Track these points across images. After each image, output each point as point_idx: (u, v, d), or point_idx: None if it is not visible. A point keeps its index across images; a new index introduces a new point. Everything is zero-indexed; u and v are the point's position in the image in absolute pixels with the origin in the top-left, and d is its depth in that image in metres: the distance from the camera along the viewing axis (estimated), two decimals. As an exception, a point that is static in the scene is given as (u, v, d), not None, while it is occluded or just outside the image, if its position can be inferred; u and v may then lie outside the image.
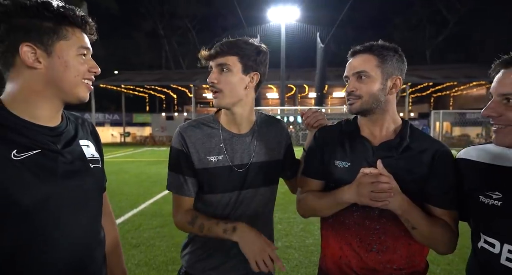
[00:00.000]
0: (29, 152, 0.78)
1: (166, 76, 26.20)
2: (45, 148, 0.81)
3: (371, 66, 1.04)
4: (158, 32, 35.42)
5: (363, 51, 1.07)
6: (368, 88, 1.05)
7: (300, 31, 23.03)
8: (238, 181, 1.14)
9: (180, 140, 1.13)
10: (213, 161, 1.12)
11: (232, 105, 1.12)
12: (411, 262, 1.07)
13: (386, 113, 1.09)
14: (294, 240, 3.81)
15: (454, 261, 3.18)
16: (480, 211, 0.93)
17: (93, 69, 0.87)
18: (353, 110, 1.08)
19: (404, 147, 1.05)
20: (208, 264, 1.18)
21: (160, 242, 3.75)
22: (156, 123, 26.01)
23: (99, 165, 0.96)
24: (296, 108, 21.93)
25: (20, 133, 0.78)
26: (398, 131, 1.09)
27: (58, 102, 0.86)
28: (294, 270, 3.05)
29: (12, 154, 0.75)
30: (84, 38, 0.85)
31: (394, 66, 1.06)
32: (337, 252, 1.12)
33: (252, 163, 1.16)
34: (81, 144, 0.92)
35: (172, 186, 1.15)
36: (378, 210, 1.02)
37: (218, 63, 1.09)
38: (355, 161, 1.08)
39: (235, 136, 1.17)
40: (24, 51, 0.77)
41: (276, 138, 1.24)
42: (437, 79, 22.81)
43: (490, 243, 0.90)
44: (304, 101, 29.35)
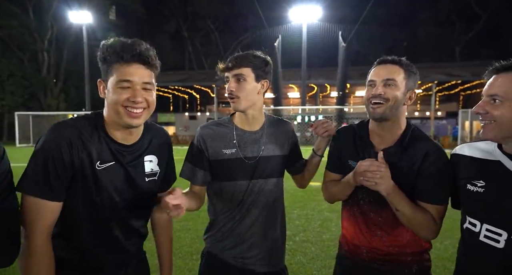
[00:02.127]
0: (106, 163, 1.06)
1: (189, 77, 26.87)
2: (116, 160, 1.08)
3: (400, 77, 1.20)
4: (181, 33, 36.27)
5: (393, 63, 1.23)
6: (395, 94, 1.19)
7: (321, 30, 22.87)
8: (249, 171, 1.34)
9: (199, 137, 1.37)
10: (227, 154, 1.34)
11: (247, 108, 1.33)
12: (413, 243, 1.25)
13: (396, 121, 1.24)
14: (311, 235, 3.95)
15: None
16: (467, 197, 1.09)
17: (132, 98, 1.02)
18: (377, 114, 1.21)
19: (400, 152, 1.22)
20: (225, 245, 1.38)
21: (185, 234, 4.02)
22: (180, 122, 26.73)
23: (155, 177, 1.20)
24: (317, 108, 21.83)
25: (105, 145, 1.06)
26: (399, 138, 1.25)
27: (119, 126, 1.07)
28: (310, 262, 3.20)
29: (97, 164, 1.04)
30: (126, 71, 1.01)
31: (414, 81, 1.24)
32: (351, 234, 1.34)
33: (261, 156, 1.36)
34: (146, 159, 1.16)
35: (184, 173, 1.39)
36: (380, 206, 1.23)
37: (234, 74, 1.30)
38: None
39: (247, 133, 1.37)
40: (98, 85, 1.08)
41: (282, 136, 1.43)
42: (466, 76, 21.93)
43: (472, 224, 1.05)
44: (326, 101, 29.07)
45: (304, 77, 20.44)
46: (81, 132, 1.03)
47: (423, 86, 24.38)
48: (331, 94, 27.16)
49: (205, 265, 1.43)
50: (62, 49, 26.93)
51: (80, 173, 1.01)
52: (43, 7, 25.69)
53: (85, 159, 1.01)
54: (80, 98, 25.89)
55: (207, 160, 1.35)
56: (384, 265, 1.26)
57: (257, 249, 1.37)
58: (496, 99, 0.99)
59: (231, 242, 1.37)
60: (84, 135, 1.03)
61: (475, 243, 1.03)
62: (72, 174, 1.01)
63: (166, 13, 35.08)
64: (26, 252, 0.96)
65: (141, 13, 32.29)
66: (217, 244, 1.40)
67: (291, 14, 21.55)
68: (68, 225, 1.05)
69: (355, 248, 1.32)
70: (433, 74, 22.58)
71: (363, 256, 1.30)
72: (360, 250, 1.31)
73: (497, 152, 1.05)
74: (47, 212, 0.98)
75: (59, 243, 1.04)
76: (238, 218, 1.36)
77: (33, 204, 0.97)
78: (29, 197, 0.97)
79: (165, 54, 35.12)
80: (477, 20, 30.52)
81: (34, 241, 0.96)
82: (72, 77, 27.43)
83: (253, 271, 1.37)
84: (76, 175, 1.01)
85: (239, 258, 1.37)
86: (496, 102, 1.00)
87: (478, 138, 1.12)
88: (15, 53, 24.97)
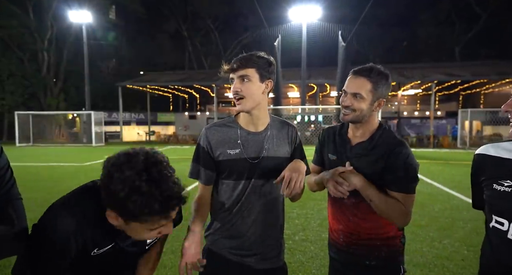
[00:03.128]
0: (105, 247, 1.00)
1: (189, 77, 26.88)
2: (116, 243, 1.02)
3: (365, 90, 1.36)
4: (181, 33, 36.27)
5: (362, 75, 1.38)
6: (361, 106, 1.37)
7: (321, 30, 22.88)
8: (251, 171, 1.36)
9: (204, 138, 1.39)
10: (231, 154, 1.36)
11: (252, 109, 1.35)
12: (382, 229, 1.41)
13: (367, 123, 1.43)
14: (310, 234, 3.97)
15: (469, 257, 3.23)
16: (493, 196, 1.10)
17: (159, 235, 0.99)
18: (345, 120, 1.44)
19: (372, 146, 1.41)
20: (225, 242, 1.40)
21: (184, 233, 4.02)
22: (180, 122, 26.75)
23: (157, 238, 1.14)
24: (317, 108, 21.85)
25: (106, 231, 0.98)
26: (370, 134, 1.43)
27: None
28: (309, 261, 3.22)
29: (94, 251, 0.99)
30: (163, 218, 0.91)
31: (383, 91, 1.39)
32: (331, 220, 1.54)
33: (263, 157, 1.38)
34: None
35: (192, 174, 1.42)
36: (352, 194, 1.36)
37: (239, 75, 1.32)
38: (340, 155, 1.47)
39: (251, 134, 1.39)
40: (108, 214, 0.92)
41: (285, 138, 1.45)
42: (466, 76, 21.94)
43: (500, 222, 1.07)
44: (326, 100, 29.10)
45: (304, 77, 20.45)
46: (85, 221, 0.94)
47: (423, 86, 24.40)
48: (330, 94, 27.17)
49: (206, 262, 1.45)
50: (62, 49, 26.92)
51: (76, 260, 0.97)
52: (43, 7, 25.67)
53: (82, 248, 0.96)
54: (80, 98, 25.90)
55: (212, 160, 1.38)
56: (357, 249, 1.43)
57: (257, 247, 1.38)
58: None
59: (231, 240, 1.39)
60: (87, 222, 0.95)
61: (504, 241, 1.05)
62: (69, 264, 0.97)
63: (166, 12, 35.07)
64: None
65: (141, 13, 32.29)
66: (218, 242, 1.42)
67: (291, 14, 21.55)
68: None
69: (335, 234, 1.50)
70: (433, 74, 22.60)
71: (340, 241, 1.47)
72: (338, 235, 1.48)
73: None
74: None
75: None
76: (238, 216, 1.37)
77: None
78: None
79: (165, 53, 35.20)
80: (477, 20, 30.54)
81: None
82: (72, 77, 27.43)
83: (252, 268, 1.39)
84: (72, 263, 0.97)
85: (238, 256, 1.39)
86: None
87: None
88: (15, 53, 24.97)
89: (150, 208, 0.85)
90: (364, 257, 1.43)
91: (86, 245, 0.95)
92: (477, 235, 3.86)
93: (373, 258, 1.42)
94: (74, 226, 0.91)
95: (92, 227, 0.95)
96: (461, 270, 3.02)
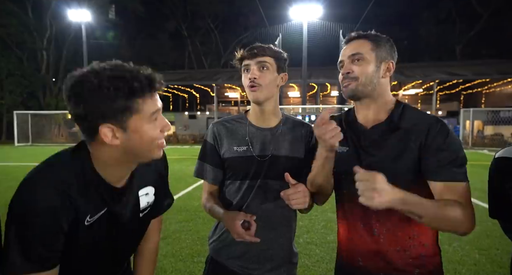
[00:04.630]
0: (97, 214, 0.88)
1: (189, 76, 26.71)
2: (109, 206, 0.91)
3: (365, 49, 1.10)
4: (181, 32, 36.15)
5: (357, 38, 1.13)
6: (363, 70, 1.08)
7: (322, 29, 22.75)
8: (258, 170, 1.25)
9: (211, 134, 1.30)
10: (238, 151, 1.25)
11: (265, 99, 1.25)
12: (416, 244, 1.06)
13: (378, 97, 1.11)
14: (315, 236, 3.85)
15: (481, 261, 3.11)
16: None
17: (165, 128, 0.88)
18: (349, 92, 1.11)
19: (393, 127, 1.07)
20: (230, 252, 1.27)
21: (185, 235, 3.91)
22: (180, 122, 26.62)
23: (149, 208, 1.05)
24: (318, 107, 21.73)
25: (97, 194, 0.88)
26: (389, 113, 1.11)
27: (132, 164, 0.92)
28: (315, 265, 3.10)
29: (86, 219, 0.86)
30: (154, 101, 0.85)
31: (387, 51, 1.12)
32: (343, 236, 1.17)
33: (272, 155, 1.26)
34: (141, 194, 1.00)
35: (198, 172, 1.32)
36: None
37: (258, 61, 1.23)
38: (351, 144, 1.14)
39: (259, 130, 1.28)
40: (104, 132, 0.80)
41: (298, 137, 1.31)
42: (467, 76, 21.79)
43: None
44: (326, 100, 28.97)
45: (305, 76, 20.33)
46: (67, 190, 0.82)
47: (424, 85, 24.29)
48: (331, 93, 27.05)
49: (209, 273, 1.32)
50: (61, 48, 26.79)
51: (69, 232, 0.84)
52: (42, 6, 25.53)
53: (73, 216, 0.84)
54: (79, 97, 25.76)
55: (219, 157, 1.28)
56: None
57: (264, 258, 1.25)
58: None
59: (236, 250, 1.27)
60: (70, 191, 0.83)
61: None
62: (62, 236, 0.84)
63: (165, 12, 34.94)
64: None
65: (141, 12, 32.17)
66: (222, 251, 1.29)
67: (292, 13, 21.42)
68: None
69: (350, 255, 1.15)
70: (434, 73, 22.46)
71: (359, 264, 1.12)
72: (355, 256, 1.13)
73: None
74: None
75: None
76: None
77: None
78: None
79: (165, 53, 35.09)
80: (478, 19, 30.42)
81: None
82: (72, 76, 27.30)
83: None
84: (66, 234, 0.84)
85: (244, 268, 1.26)
86: None
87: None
88: (14, 52, 24.81)
89: (134, 84, 0.79)
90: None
91: (78, 214, 0.84)
92: (487, 237, 3.74)
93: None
94: (58, 199, 0.80)
95: (79, 194, 0.84)
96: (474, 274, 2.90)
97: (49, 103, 25.74)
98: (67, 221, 0.83)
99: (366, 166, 0.98)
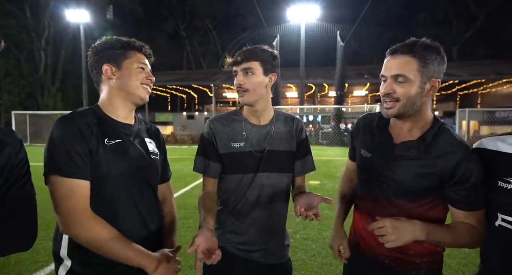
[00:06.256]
0: (114, 140, 1.12)
1: (187, 76, 26.81)
2: (123, 138, 1.15)
3: (411, 69, 1.03)
4: (179, 33, 36.19)
5: (404, 52, 1.05)
6: (407, 92, 1.04)
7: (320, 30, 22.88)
8: (255, 164, 1.34)
9: (208, 130, 1.37)
10: (236, 147, 1.34)
11: (255, 102, 1.33)
12: (424, 249, 1.14)
13: (418, 114, 1.10)
14: (311, 232, 3.96)
15: (471, 255, 3.22)
16: (499, 194, 1.02)
17: (149, 77, 1.21)
18: (390, 115, 1.09)
19: (422, 151, 1.08)
20: (230, 237, 1.38)
21: (185, 232, 4.00)
22: (178, 122, 26.66)
23: (157, 157, 1.27)
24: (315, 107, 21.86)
25: (109, 127, 1.13)
26: (422, 133, 1.11)
27: (129, 103, 1.20)
28: (311, 260, 3.20)
29: (105, 141, 1.10)
30: (142, 57, 1.20)
31: (435, 69, 1.05)
32: (359, 233, 1.28)
33: (268, 150, 1.35)
34: (147, 141, 1.25)
35: (198, 167, 1.38)
36: (387, 200, 1.15)
37: (243, 67, 1.30)
38: (376, 153, 1.18)
39: (255, 127, 1.38)
40: (105, 69, 1.16)
41: (290, 132, 1.42)
42: (463, 76, 22.00)
43: (507, 221, 1.00)
44: (324, 100, 29.10)
45: (302, 77, 20.45)
46: (86, 120, 1.09)
47: (420, 86, 24.43)
48: (329, 94, 27.16)
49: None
50: (59, 48, 26.80)
51: (95, 153, 1.07)
52: (40, 6, 25.54)
53: (95, 140, 1.08)
54: (77, 97, 25.74)
55: (217, 152, 1.35)
56: (388, 265, 1.19)
57: (261, 242, 1.37)
58: None
59: (236, 235, 1.37)
60: (89, 122, 1.09)
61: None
62: (90, 156, 1.06)
63: (164, 12, 34.99)
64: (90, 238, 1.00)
65: (139, 13, 32.18)
66: (222, 236, 1.39)
67: (289, 14, 21.52)
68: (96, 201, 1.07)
69: (361, 240, 1.26)
70: (431, 74, 22.63)
71: (367, 250, 1.23)
72: (365, 244, 1.25)
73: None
74: (85, 190, 1.03)
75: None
76: (242, 211, 1.35)
77: (71, 186, 1.01)
78: (67, 180, 1.01)
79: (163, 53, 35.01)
80: (474, 20, 30.68)
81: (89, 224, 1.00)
82: (70, 77, 27.29)
83: (258, 263, 1.37)
84: (92, 156, 1.07)
85: (244, 251, 1.37)
86: None
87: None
88: (12, 52, 24.78)
89: (129, 42, 1.19)
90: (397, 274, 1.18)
91: (98, 138, 1.08)
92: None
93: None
94: (75, 127, 1.05)
95: (94, 125, 1.09)
96: (463, 267, 3.01)
97: (47, 103, 25.72)
98: (90, 141, 1.06)
99: (384, 177, 1.13)
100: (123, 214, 1.10)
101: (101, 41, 1.19)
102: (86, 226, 0.99)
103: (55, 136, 1.03)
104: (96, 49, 1.18)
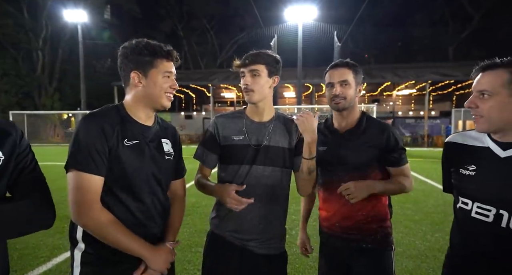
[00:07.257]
0: (133, 141, 1.21)
1: (185, 76, 26.81)
2: (141, 140, 1.23)
3: (350, 77, 1.54)
4: (177, 33, 36.20)
5: (343, 66, 1.55)
6: (350, 92, 1.54)
7: (317, 30, 23.01)
8: (253, 156, 1.46)
9: (213, 124, 1.53)
10: (235, 140, 1.48)
11: (259, 101, 1.48)
12: (374, 209, 1.55)
13: (352, 110, 1.59)
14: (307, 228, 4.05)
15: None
16: (460, 180, 1.21)
17: (173, 86, 1.28)
18: (340, 108, 1.55)
19: (360, 131, 1.56)
20: (227, 226, 1.48)
21: (184, 228, 4.09)
22: (176, 122, 26.66)
23: (171, 158, 1.35)
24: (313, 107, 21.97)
25: (130, 128, 1.22)
26: (357, 121, 1.59)
27: (150, 108, 1.28)
28: (306, 254, 3.30)
29: (124, 141, 1.19)
30: (169, 65, 1.26)
31: (360, 78, 1.58)
32: (324, 207, 1.61)
33: (265, 145, 1.47)
34: (163, 141, 1.33)
35: (197, 156, 1.54)
36: (343, 173, 1.51)
37: (250, 69, 1.45)
38: (330, 145, 1.59)
39: (255, 123, 1.51)
40: (133, 76, 1.23)
41: (288, 131, 1.53)
42: (459, 76, 22.19)
43: (465, 203, 1.17)
44: (321, 100, 29.20)
45: (300, 77, 20.57)
46: (111, 120, 1.18)
47: (417, 86, 24.64)
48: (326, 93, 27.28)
49: (209, 245, 1.53)
50: (56, 48, 26.72)
51: (114, 151, 1.16)
52: (38, 6, 25.46)
53: (116, 140, 1.17)
54: (75, 97, 25.74)
55: (218, 144, 1.50)
56: (352, 234, 1.52)
57: (257, 231, 1.46)
58: (485, 94, 1.09)
59: (233, 224, 1.47)
60: (113, 122, 1.18)
61: (468, 219, 1.15)
62: (109, 153, 1.15)
63: (161, 12, 34.97)
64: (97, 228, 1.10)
65: (136, 13, 32.16)
66: (220, 225, 1.49)
67: (287, 14, 21.62)
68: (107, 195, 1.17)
69: (328, 220, 1.58)
70: (427, 74, 22.83)
71: (335, 227, 1.55)
72: (332, 221, 1.56)
73: (486, 139, 1.16)
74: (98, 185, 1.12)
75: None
76: None
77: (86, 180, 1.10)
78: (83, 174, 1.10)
79: (161, 53, 34.98)
80: (470, 20, 30.91)
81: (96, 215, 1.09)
82: (67, 77, 27.24)
83: (253, 252, 1.46)
84: (111, 153, 1.16)
85: (240, 239, 1.46)
86: (484, 97, 1.09)
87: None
88: (9, 52, 24.73)
89: (157, 50, 1.22)
90: (360, 241, 1.52)
91: (118, 137, 1.17)
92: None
93: (370, 241, 1.51)
94: (101, 122, 1.15)
95: (117, 124, 1.18)
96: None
97: (44, 103, 25.68)
98: (111, 140, 1.15)
99: (340, 158, 1.55)
100: (132, 208, 1.20)
101: (132, 44, 1.23)
102: (94, 217, 1.09)
103: (80, 133, 1.12)
104: (125, 52, 1.22)
